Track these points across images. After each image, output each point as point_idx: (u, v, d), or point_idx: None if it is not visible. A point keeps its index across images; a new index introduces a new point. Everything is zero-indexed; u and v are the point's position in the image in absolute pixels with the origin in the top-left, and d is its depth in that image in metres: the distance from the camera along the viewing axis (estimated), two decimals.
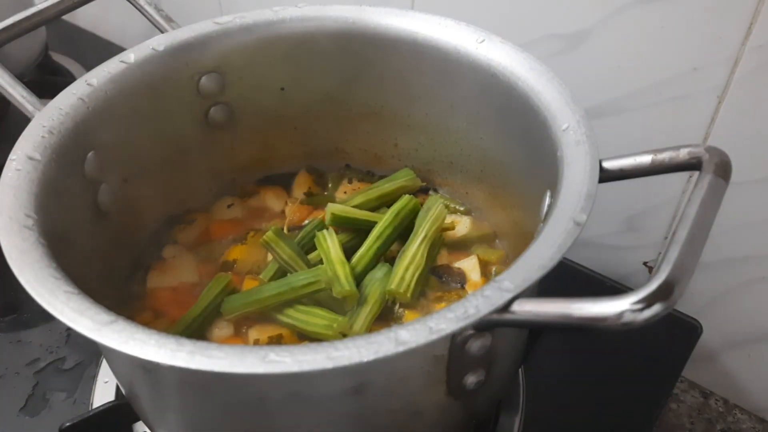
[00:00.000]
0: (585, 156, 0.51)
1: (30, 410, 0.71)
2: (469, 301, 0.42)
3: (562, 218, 0.46)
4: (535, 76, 0.59)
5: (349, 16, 0.68)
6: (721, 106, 0.70)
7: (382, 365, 0.40)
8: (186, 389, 0.48)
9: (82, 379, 0.74)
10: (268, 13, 0.69)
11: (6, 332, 0.78)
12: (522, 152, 0.63)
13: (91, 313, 0.43)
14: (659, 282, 0.39)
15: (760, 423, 0.84)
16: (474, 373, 0.47)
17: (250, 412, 0.47)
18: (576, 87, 0.57)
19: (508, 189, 0.68)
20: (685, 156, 0.49)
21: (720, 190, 0.46)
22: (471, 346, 0.44)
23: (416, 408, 0.49)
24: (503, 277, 0.43)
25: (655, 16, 0.69)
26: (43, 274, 0.45)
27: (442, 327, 0.40)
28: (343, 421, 0.47)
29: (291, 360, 0.39)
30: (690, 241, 0.42)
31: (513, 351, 0.56)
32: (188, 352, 0.39)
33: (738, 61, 0.66)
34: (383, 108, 0.74)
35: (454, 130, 0.71)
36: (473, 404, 0.54)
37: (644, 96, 0.74)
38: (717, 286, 0.80)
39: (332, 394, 0.45)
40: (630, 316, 0.38)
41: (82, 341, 0.65)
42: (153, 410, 0.55)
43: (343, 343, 0.39)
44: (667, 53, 0.70)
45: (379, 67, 0.70)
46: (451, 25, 0.65)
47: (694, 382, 0.87)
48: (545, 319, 0.41)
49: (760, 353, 0.82)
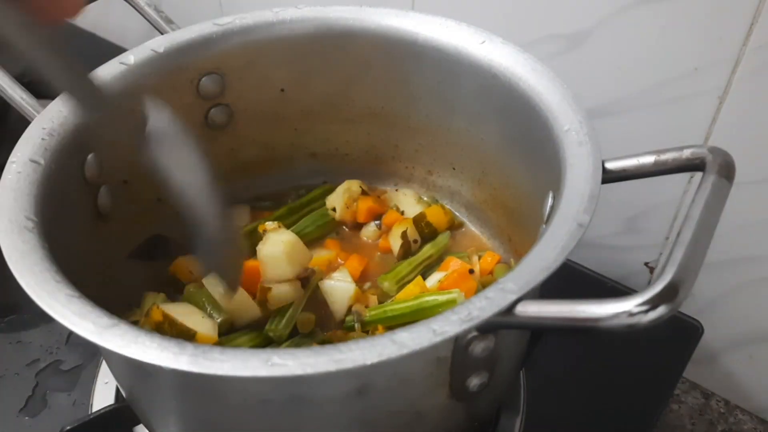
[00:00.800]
0: (587, 157, 0.51)
1: (30, 411, 0.71)
2: (472, 303, 0.41)
3: (565, 220, 0.46)
4: (536, 76, 0.59)
5: (350, 17, 0.68)
6: (722, 107, 0.70)
7: (386, 368, 0.40)
8: (188, 393, 0.48)
9: (82, 380, 0.73)
10: (268, 15, 0.68)
11: (6, 333, 0.78)
12: (523, 153, 0.63)
13: (92, 317, 0.42)
14: (664, 283, 0.39)
15: (761, 424, 0.84)
16: (477, 375, 0.47)
17: (253, 415, 0.47)
18: (577, 87, 0.57)
19: (510, 190, 0.68)
20: (689, 156, 0.49)
21: (724, 190, 0.46)
22: (474, 348, 0.43)
23: (419, 410, 0.49)
24: (507, 279, 0.43)
25: (656, 16, 0.69)
26: (44, 277, 0.45)
27: (446, 329, 0.40)
28: (346, 423, 0.47)
29: (294, 363, 0.38)
30: (694, 243, 0.41)
31: (515, 353, 0.56)
32: (190, 356, 0.39)
33: (739, 61, 0.66)
34: (383, 109, 0.74)
35: (454, 131, 0.71)
36: (476, 406, 0.54)
37: (645, 96, 0.74)
38: (718, 287, 0.80)
39: (335, 396, 0.45)
40: (635, 318, 0.38)
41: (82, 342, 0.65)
42: (154, 414, 0.55)
43: (347, 345, 0.39)
44: (668, 53, 0.70)
45: (380, 68, 0.70)
46: (452, 25, 0.65)
47: (695, 382, 0.87)
48: (549, 321, 0.41)
49: (762, 354, 0.82)
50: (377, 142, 0.77)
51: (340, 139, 0.78)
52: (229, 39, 0.68)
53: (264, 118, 0.74)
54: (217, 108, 0.71)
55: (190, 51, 0.67)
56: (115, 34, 1.29)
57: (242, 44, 0.68)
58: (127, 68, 0.63)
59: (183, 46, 0.66)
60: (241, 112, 0.73)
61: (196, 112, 0.70)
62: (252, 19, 0.68)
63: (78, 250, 0.56)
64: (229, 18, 0.68)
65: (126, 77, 0.63)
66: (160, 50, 0.65)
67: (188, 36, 0.67)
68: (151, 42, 0.66)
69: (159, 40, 0.66)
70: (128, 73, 0.63)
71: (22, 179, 0.53)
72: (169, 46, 0.66)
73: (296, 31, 0.69)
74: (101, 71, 0.63)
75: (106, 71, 0.63)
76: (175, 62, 0.66)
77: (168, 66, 0.66)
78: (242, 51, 0.69)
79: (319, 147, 0.79)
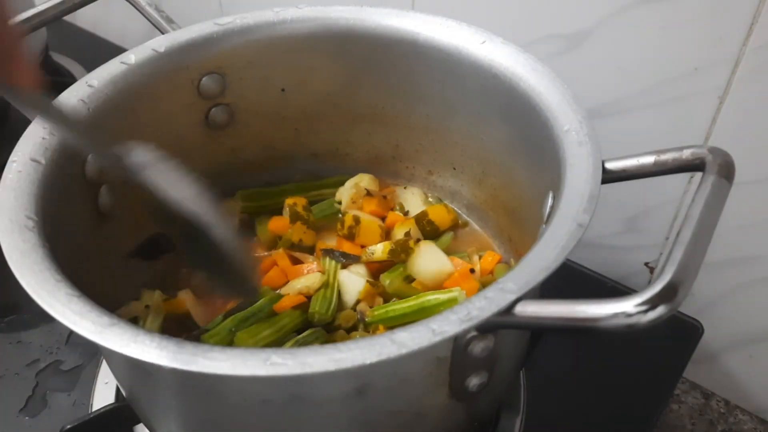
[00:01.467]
0: (587, 157, 0.51)
1: (30, 411, 0.71)
2: (472, 302, 0.41)
3: (565, 220, 0.46)
4: (536, 76, 0.59)
5: (350, 17, 0.68)
6: (722, 107, 0.70)
7: (385, 367, 0.40)
8: (188, 392, 0.48)
9: (82, 380, 0.73)
10: (269, 14, 0.68)
11: (6, 333, 0.78)
12: (523, 153, 0.63)
13: (92, 316, 0.43)
14: (663, 283, 0.39)
15: (761, 424, 0.84)
16: (477, 375, 0.47)
17: (253, 414, 0.47)
18: (577, 87, 0.57)
19: (510, 190, 0.68)
20: (689, 157, 0.49)
21: (723, 191, 0.46)
22: (474, 348, 0.43)
23: (419, 410, 0.49)
24: (506, 278, 0.43)
25: (656, 16, 0.69)
26: (44, 276, 0.45)
27: (445, 329, 0.40)
28: (346, 423, 0.47)
29: (293, 362, 0.38)
30: (694, 243, 0.41)
31: (515, 352, 0.56)
32: (190, 355, 0.39)
33: (739, 61, 0.66)
34: (384, 109, 0.74)
35: (455, 131, 0.71)
36: (475, 406, 0.54)
37: (645, 96, 0.74)
38: (718, 287, 0.80)
39: (335, 396, 0.45)
40: (634, 318, 0.38)
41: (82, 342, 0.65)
42: (154, 413, 0.55)
43: (346, 345, 0.39)
44: (668, 53, 0.70)
45: (380, 68, 0.70)
46: (452, 25, 0.65)
47: (695, 382, 0.87)
48: (548, 321, 0.41)
49: (762, 354, 0.82)
50: (378, 142, 0.77)
51: (341, 139, 0.78)
52: (230, 39, 0.68)
53: (265, 117, 0.74)
54: (217, 108, 0.71)
55: (191, 51, 0.67)
56: (116, 34, 1.29)
57: (243, 44, 0.68)
58: (127, 68, 0.63)
59: (184, 45, 0.66)
60: (242, 111, 0.73)
61: (197, 111, 0.70)
62: (253, 18, 0.68)
63: (78, 249, 0.56)
64: (229, 18, 0.68)
65: (126, 77, 0.63)
66: (160, 50, 0.65)
67: (189, 36, 0.67)
68: (152, 42, 0.66)
69: (160, 40, 0.66)
70: (129, 72, 0.63)
71: (22, 178, 0.53)
72: (169, 46, 0.66)
73: (297, 30, 0.69)
74: (101, 71, 0.63)
75: (106, 71, 0.63)
76: (175, 62, 0.66)
77: (169, 66, 0.66)
78: (243, 51, 0.69)
79: (319, 147, 0.79)
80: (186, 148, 0.71)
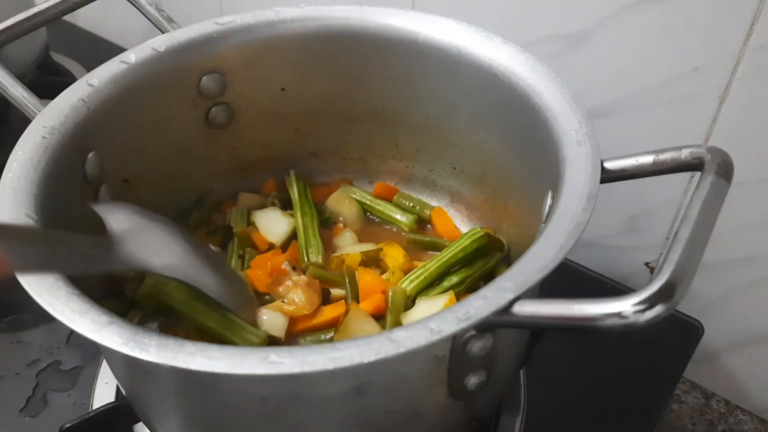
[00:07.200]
0: (586, 156, 0.51)
1: (30, 411, 0.71)
2: (470, 302, 0.41)
3: (564, 219, 0.46)
4: (536, 76, 0.59)
5: (350, 17, 0.68)
6: (723, 107, 0.70)
7: (383, 366, 0.40)
8: (187, 390, 0.48)
9: (82, 380, 0.73)
10: (269, 14, 0.68)
11: (6, 333, 0.78)
12: (523, 153, 0.63)
13: (91, 314, 0.43)
14: (661, 283, 0.39)
15: (761, 424, 0.84)
16: (475, 374, 0.47)
17: (251, 413, 0.47)
18: (577, 87, 0.57)
19: (509, 189, 0.68)
20: (687, 156, 0.49)
21: (722, 190, 0.46)
22: (472, 347, 0.43)
23: (417, 409, 0.49)
24: (504, 277, 0.43)
25: (657, 16, 0.69)
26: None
27: (443, 328, 0.40)
28: (345, 421, 0.47)
29: (292, 361, 0.38)
30: (692, 242, 0.41)
31: (514, 352, 0.56)
32: (189, 353, 0.39)
33: (739, 61, 0.66)
34: (384, 108, 0.74)
35: (455, 130, 0.71)
36: (474, 405, 0.54)
37: (645, 96, 0.74)
38: (718, 287, 0.80)
39: (333, 395, 0.45)
40: (632, 317, 0.38)
41: (82, 342, 0.65)
42: (154, 412, 0.55)
43: (344, 344, 0.39)
44: (669, 53, 0.70)
45: (380, 67, 0.70)
46: (452, 25, 0.65)
47: (696, 382, 0.87)
48: (546, 321, 0.41)
49: (762, 354, 0.82)
50: (378, 142, 0.77)
51: (341, 139, 0.78)
52: (230, 38, 0.68)
53: (265, 117, 0.74)
54: (217, 107, 0.71)
55: (191, 50, 0.67)
56: (116, 34, 1.30)
57: (243, 43, 0.68)
58: (128, 67, 0.64)
59: (184, 45, 0.66)
60: (242, 111, 0.73)
61: (197, 111, 0.70)
62: (253, 18, 0.68)
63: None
64: (230, 17, 0.68)
65: (127, 76, 0.63)
66: (161, 49, 0.65)
67: (189, 35, 0.67)
68: (152, 41, 0.66)
69: (160, 39, 0.66)
70: (129, 71, 0.63)
71: (22, 177, 0.53)
72: (170, 45, 0.66)
73: (297, 30, 0.69)
74: (102, 70, 0.63)
75: (106, 70, 0.63)
76: (176, 61, 0.66)
77: (169, 65, 0.66)
78: (243, 50, 0.69)
79: (319, 146, 0.79)
80: (186, 148, 0.72)
